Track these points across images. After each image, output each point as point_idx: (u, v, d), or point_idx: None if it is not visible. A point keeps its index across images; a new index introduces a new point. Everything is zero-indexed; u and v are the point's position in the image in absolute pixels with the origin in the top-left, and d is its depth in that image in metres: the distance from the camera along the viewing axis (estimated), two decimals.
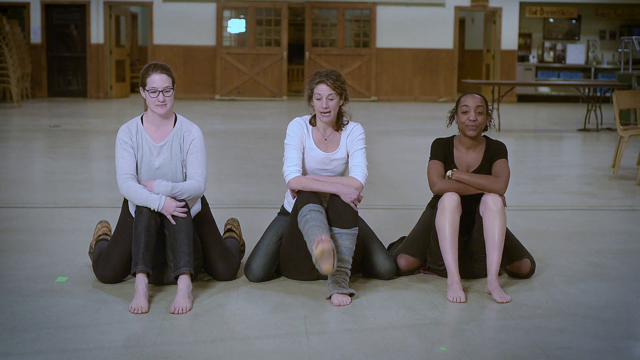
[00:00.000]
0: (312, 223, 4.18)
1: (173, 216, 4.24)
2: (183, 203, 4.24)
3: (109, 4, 18.84)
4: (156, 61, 4.51)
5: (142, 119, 4.43)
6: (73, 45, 19.08)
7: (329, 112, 4.43)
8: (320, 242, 4.03)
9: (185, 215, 4.22)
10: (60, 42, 19.04)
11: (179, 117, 4.47)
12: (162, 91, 4.30)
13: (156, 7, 18.87)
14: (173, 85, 4.36)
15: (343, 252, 4.23)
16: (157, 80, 4.30)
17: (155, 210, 4.22)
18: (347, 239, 4.25)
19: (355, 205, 4.32)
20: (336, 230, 4.25)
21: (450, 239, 4.30)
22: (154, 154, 4.37)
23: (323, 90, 4.41)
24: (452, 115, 4.63)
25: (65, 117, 14.68)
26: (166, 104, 4.33)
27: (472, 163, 4.55)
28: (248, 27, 19.24)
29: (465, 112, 4.49)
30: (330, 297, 4.16)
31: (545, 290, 4.40)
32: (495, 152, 4.55)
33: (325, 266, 4.04)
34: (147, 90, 4.31)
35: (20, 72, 17.23)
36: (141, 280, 4.10)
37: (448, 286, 4.27)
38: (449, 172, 4.45)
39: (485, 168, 4.53)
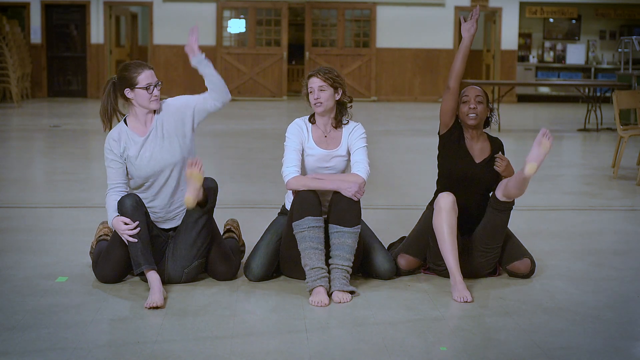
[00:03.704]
0: (309, 244, 4.22)
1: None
2: (132, 226, 4.17)
3: (109, 4, 18.84)
4: (129, 61, 4.52)
5: (125, 121, 4.43)
6: (73, 45, 19.09)
7: (321, 102, 4.47)
8: (317, 294, 4.14)
9: (136, 240, 4.18)
10: (60, 42, 19.04)
11: None
12: (155, 85, 4.33)
13: (156, 7, 18.87)
14: None
15: (345, 251, 4.24)
16: (150, 75, 4.33)
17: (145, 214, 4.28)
18: (350, 237, 4.26)
19: (358, 199, 4.34)
20: (338, 228, 4.26)
21: (449, 239, 4.30)
22: (143, 147, 4.37)
23: (314, 82, 4.50)
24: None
25: (65, 117, 14.68)
26: (159, 97, 4.37)
27: (477, 154, 4.64)
28: (248, 27, 19.24)
29: (465, 102, 4.58)
30: (331, 294, 4.17)
31: (545, 290, 4.40)
32: (499, 149, 4.74)
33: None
34: (141, 88, 4.30)
35: (20, 72, 17.23)
36: (155, 277, 4.15)
37: (452, 286, 4.26)
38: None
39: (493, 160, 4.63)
